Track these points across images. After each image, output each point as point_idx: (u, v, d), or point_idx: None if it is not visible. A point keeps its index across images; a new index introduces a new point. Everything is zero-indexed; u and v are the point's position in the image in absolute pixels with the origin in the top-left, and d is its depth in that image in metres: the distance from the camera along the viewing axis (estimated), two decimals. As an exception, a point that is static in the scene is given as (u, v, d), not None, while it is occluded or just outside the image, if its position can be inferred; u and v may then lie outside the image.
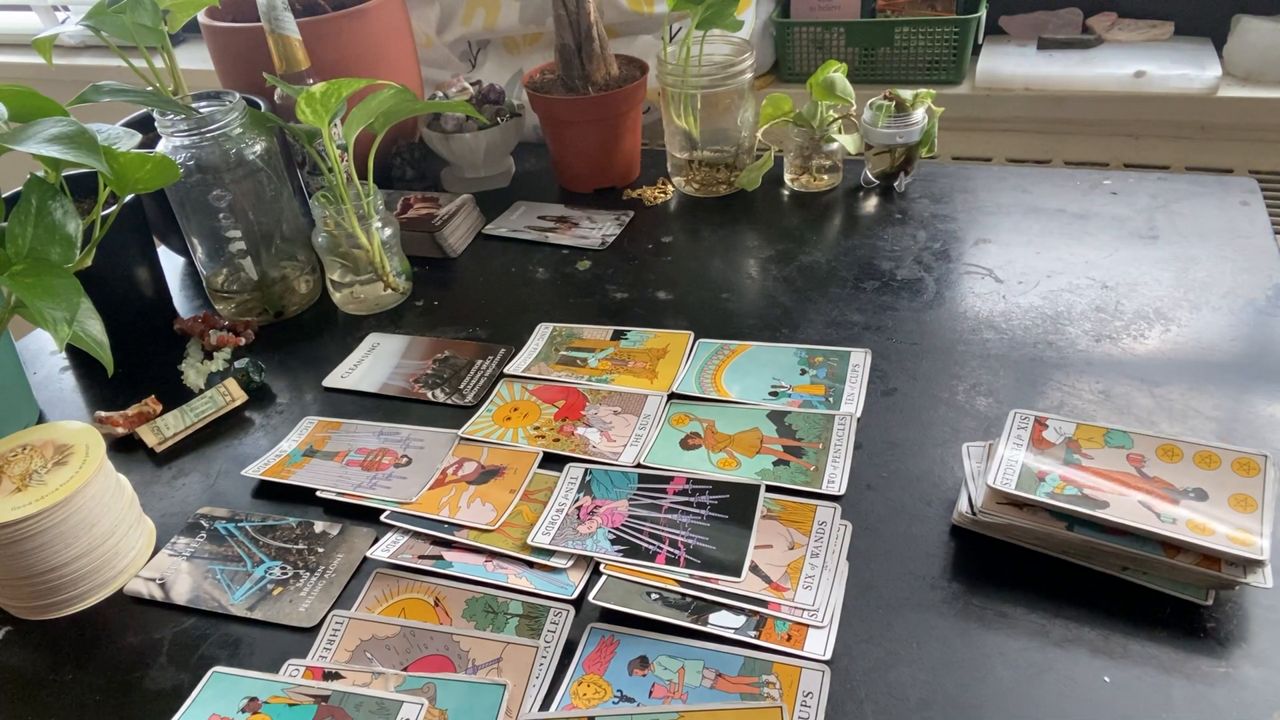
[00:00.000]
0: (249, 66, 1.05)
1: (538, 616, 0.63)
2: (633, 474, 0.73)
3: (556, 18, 1.06)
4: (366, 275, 0.96)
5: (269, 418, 0.86)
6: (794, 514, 0.68)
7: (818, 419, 0.77)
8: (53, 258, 0.70)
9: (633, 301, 0.95)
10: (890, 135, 1.02)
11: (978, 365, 0.81)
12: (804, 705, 0.56)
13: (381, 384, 0.88)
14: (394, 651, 0.62)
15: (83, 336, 0.69)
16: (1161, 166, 1.46)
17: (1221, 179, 1.03)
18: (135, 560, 0.71)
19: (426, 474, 0.76)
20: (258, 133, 0.92)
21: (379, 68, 1.12)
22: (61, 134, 0.68)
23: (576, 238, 1.06)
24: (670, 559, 0.65)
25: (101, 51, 2.01)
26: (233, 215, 0.92)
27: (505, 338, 0.92)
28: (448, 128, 1.14)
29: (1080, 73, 1.43)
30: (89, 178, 0.88)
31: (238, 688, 0.60)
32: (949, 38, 1.46)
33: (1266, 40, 1.39)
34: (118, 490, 0.71)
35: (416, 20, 1.32)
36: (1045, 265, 0.92)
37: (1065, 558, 0.62)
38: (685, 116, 1.06)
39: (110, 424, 0.83)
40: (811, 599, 0.62)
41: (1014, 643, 0.58)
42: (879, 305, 0.90)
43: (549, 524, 0.70)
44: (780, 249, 1.00)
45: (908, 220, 1.02)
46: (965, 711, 0.55)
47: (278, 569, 0.70)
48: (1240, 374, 0.76)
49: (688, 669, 0.59)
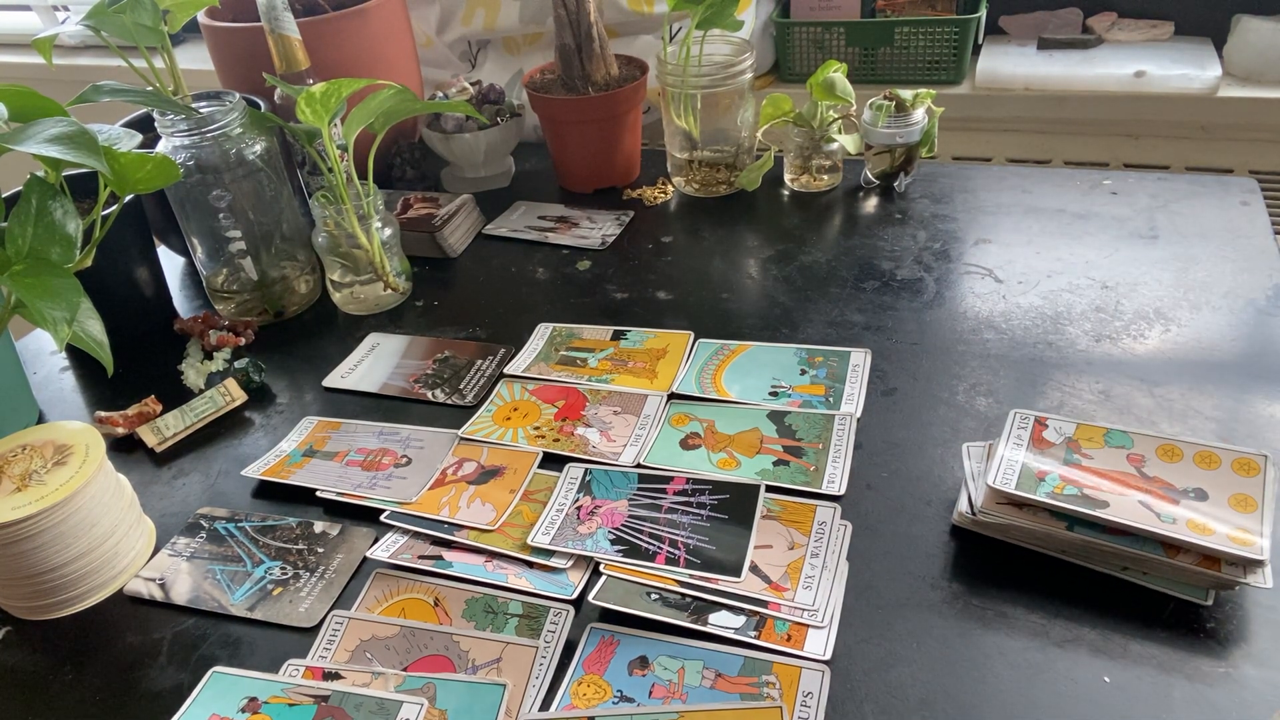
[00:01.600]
0: (249, 66, 1.05)
1: (537, 616, 0.63)
2: (632, 474, 0.73)
3: (556, 18, 1.06)
4: (366, 275, 0.96)
5: (269, 418, 0.86)
6: (794, 514, 0.68)
7: (818, 419, 0.77)
8: (53, 258, 0.70)
9: (633, 301, 0.95)
10: (890, 135, 1.02)
11: (978, 365, 0.81)
12: (804, 705, 0.56)
13: (381, 384, 0.88)
14: (394, 651, 0.62)
15: (83, 336, 0.69)
16: (1161, 166, 1.46)
17: (1221, 179, 1.03)
18: (135, 560, 0.71)
19: (426, 474, 0.76)
20: (258, 133, 0.92)
21: (379, 68, 1.12)
22: (62, 134, 0.68)
23: (576, 238, 1.06)
24: (670, 559, 0.65)
25: (101, 51, 2.01)
26: (233, 215, 0.92)
27: (505, 338, 0.92)
28: (448, 128, 1.14)
29: (1080, 73, 1.43)
30: (89, 178, 0.88)
31: (238, 688, 0.60)
32: (949, 38, 1.46)
33: (1266, 40, 1.39)
34: (118, 490, 0.71)
35: (416, 20, 1.32)
36: (1045, 265, 0.92)
37: (1065, 558, 0.62)
38: (685, 116, 1.06)
39: (110, 424, 0.83)
40: (811, 599, 0.62)
41: (1014, 643, 0.58)
42: (879, 305, 0.90)
43: (549, 524, 0.70)
44: (780, 249, 1.00)
45: (908, 220, 1.02)
46: (965, 711, 0.55)
47: (278, 569, 0.70)
48: (1240, 374, 0.76)
49: (687, 669, 0.59)
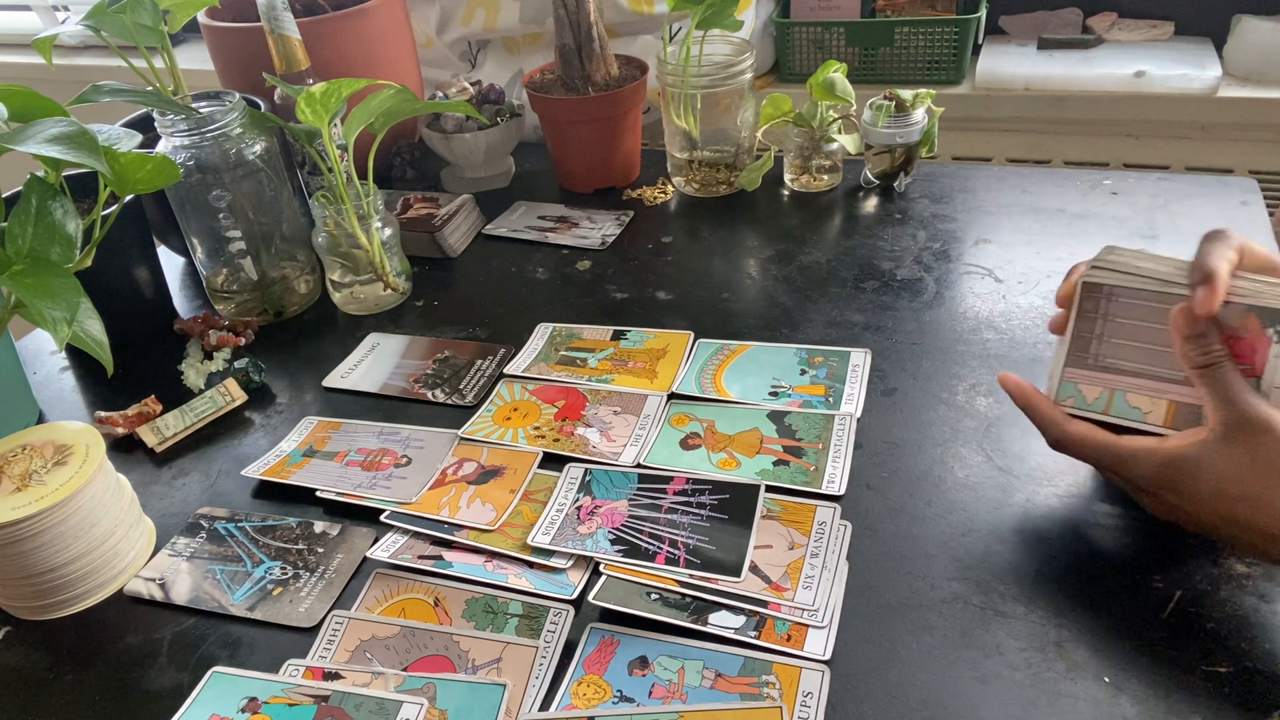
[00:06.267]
0: (249, 66, 1.05)
1: (537, 616, 0.63)
2: (632, 474, 0.73)
3: (556, 18, 1.06)
4: (366, 275, 0.96)
5: (269, 418, 0.86)
6: (794, 514, 0.68)
7: (818, 419, 0.77)
8: (53, 258, 0.70)
9: (633, 301, 0.95)
10: (890, 135, 1.02)
11: (978, 365, 0.81)
12: (804, 705, 0.56)
13: (381, 384, 0.88)
14: (394, 651, 0.62)
15: (83, 336, 0.69)
16: (1161, 166, 1.46)
17: (1221, 179, 1.03)
18: (135, 560, 0.71)
19: (426, 474, 0.76)
20: (258, 133, 0.92)
21: (379, 68, 1.12)
22: (62, 134, 0.68)
23: (576, 238, 1.06)
24: (670, 559, 0.65)
25: (101, 51, 2.01)
26: (233, 215, 0.92)
27: (505, 338, 0.92)
28: (448, 128, 1.14)
29: (1080, 73, 1.43)
30: (89, 178, 0.88)
31: (237, 688, 0.60)
32: (949, 38, 1.46)
33: (1266, 40, 1.39)
34: (118, 490, 0.71)
35: (416, 20, 1.32)
36: (1045, 265, 0.92)
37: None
38: (685, 116, 1.06)
39: (110, 424, 0.83)
40: (811, 599, 0.62)
41: (1014, 643, 0.58)
42: (879, 305, 0.90)
43: (549, 524, 0.70)
44: (780, 249, 1.00)
45: (908, 220, 1.02)
46: (965, 712, 0.55)
47: (278, 569, 0.70)
48: (1240, 374, 0.76)
49: (687, 669, 0.59)
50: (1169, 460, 0.56)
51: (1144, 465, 0.57)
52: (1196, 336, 0.56)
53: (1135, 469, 0.58)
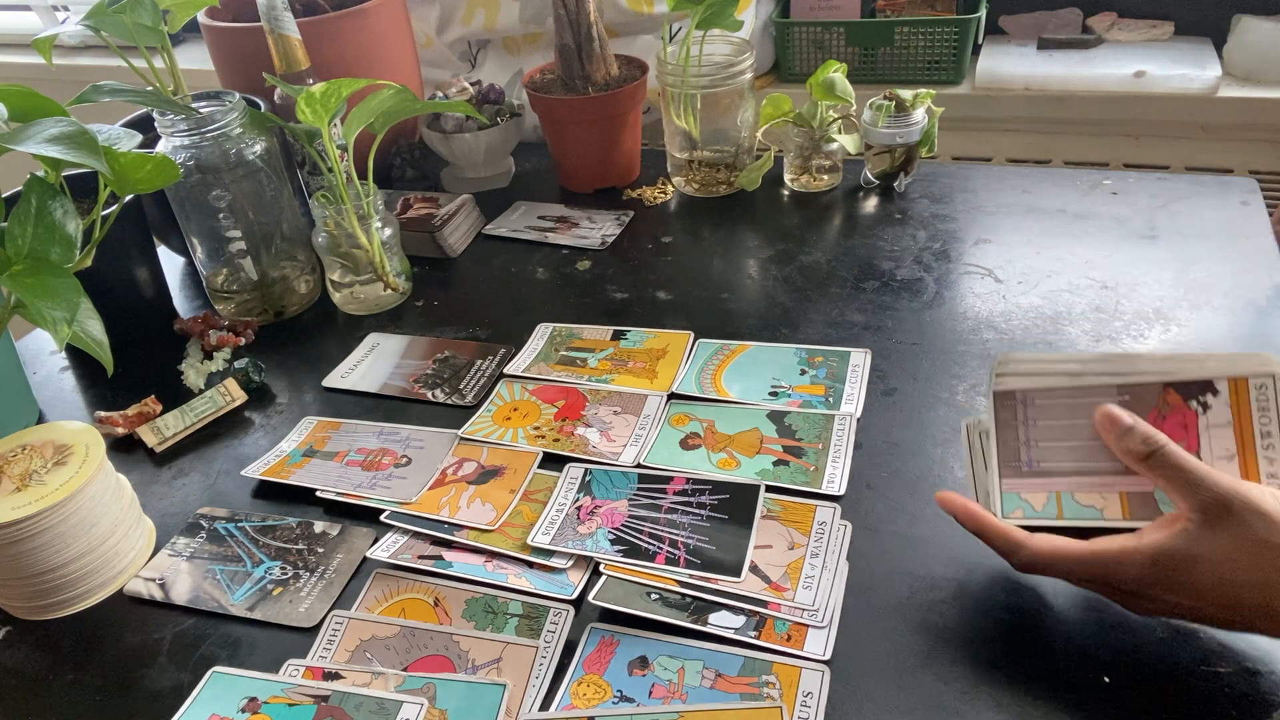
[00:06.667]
0: (249, 66, 1.05)
1: (537, 616, 0.63)
2: (632, 474, 0.73)
3: (556, 18, 1.06)
4: (366, 275, 0.96)
5: (269, 418, 0.86)
6: (794, 514, 0.68)
7: (817, 419, 0.77)
8: (53, 258, 0.70)
9: (633, 301, 0.95)
10: (890, 135, 1.02)
11: (978, 365, 0.81)
12: (804, 705, 0.56)
13: (381, 384, 0.88)
14: (394, 651, 0.62)
15: (82, 336, 0.69)
16: (1161, 166, 1.46)
17: (1221, 179, 1.03)
18: (135, 560, 0.71)
19: (426, 474, 0.76)
20: (258, 133, 0.92)
21: (379, 68, 1.12)
22: (62, 134, 0.68)
23: (576, 238, 1.06)
24: (670, 559, 0.65)
25: (101, 51, 2.01)
26: (233, 215, 0.92)
27: (505, 338, 0.92)
28: (448, 128, 1.14)
29: (1080, 73, 1.43)
30: (89, 178, 0.88)
31: (237, 688, 0.60)
32: (949, 38, 1.46)
33: (1266, 40, 1.39)
34: (118, 490, 0.71)
35: (416, 20, 1.32)
36: (1045, 265, 0.92)
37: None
38: (685, 116, 1.06)
39: (110, 424, 0.83)
40: (811, 599, 0.62)
41: (1014, 643, 0.58)
42: (879, 305, 0.90)
43: (549, 524, 0.70)
44: (780, 249, 1.00)
45: (908, 220, 1.02)
46: (965, 713, 0.55)
47: (277, 569, 0.70)
48: (1240, 374, 0.76)
49: (687, 669, 0.59)
50: (1155, 557, 0.52)
51: (1131, 567, 0.53)
52: (1126, 432, 0.54)
53: (1123, 573, 0.53)
